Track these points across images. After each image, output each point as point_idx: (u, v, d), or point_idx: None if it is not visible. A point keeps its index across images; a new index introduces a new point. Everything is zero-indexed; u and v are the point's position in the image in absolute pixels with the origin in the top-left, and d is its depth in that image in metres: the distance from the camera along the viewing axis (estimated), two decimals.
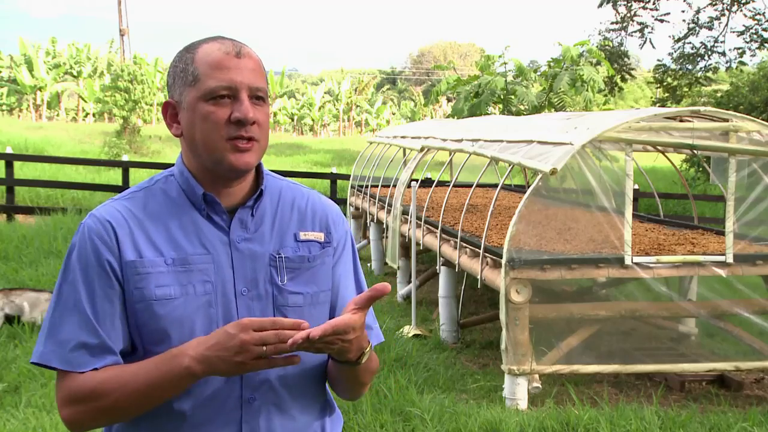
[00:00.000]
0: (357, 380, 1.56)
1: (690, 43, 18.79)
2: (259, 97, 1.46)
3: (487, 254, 5.71)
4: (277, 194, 1.57)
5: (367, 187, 10.60)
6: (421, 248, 7.94)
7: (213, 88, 1.42)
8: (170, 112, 1.50)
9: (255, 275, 1.48)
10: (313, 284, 1.53)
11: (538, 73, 15.91)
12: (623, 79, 19.12)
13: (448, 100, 38.99)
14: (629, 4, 18.94)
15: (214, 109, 1.43)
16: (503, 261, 5.12)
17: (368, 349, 1.48)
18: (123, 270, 1.43)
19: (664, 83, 19.12)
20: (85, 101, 42.94)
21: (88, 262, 1.43)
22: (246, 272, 1.48)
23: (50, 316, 1.43)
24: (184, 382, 1.38)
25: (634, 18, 19.02)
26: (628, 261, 5.28)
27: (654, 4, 18.80)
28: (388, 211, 8.62)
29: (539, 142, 5.84)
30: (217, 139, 1.43)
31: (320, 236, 1.57)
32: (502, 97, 14.55)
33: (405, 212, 8.13)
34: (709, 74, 18.97)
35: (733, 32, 18.35)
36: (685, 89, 18.70)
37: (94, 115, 43.23)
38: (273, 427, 1.49)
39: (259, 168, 1.55)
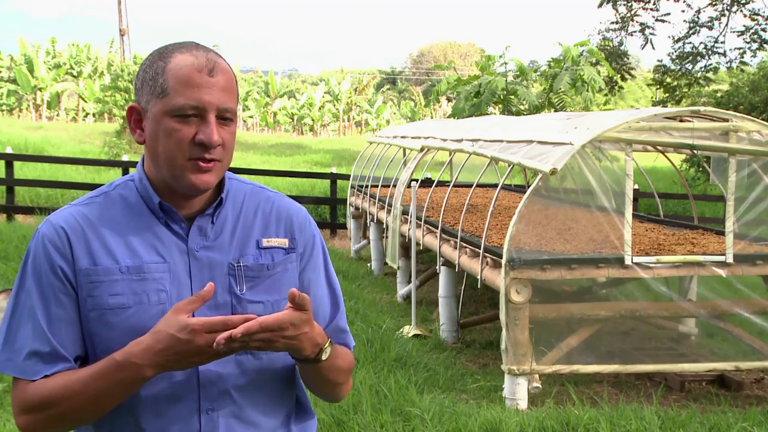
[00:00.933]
0: (325, 379, 1.53)
1: (690, 43, 18.80)
2: (226, 117, 1.42)
3: (487, 254, 5.71)
4: (241, 200, 1.54)
5: (367, 187, 10.60)
6: (421, 248, 7.94)
7: (180, 105, 1.38)
8: (135, 117, 1.46)
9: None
10: (275, 292, 1.50)
11: (538, 73, 15.90)
12: (623, 79, 19.12)
13: (449, 100, 38.98)
14: (629, 4, 18.94)
15: (180, 126, 1.39)
16: (503, 261, 5.12)
17: (326, 345, 1.45)
18: (77, 277, 1.41)
19: (664, 83, 19.12)
20: (85, 101, 42.93)
21: (42, 269, 1.41)
22: (204, 281, 1.44)
23: (7, 324, 1.42)
24: (136, 386, 1.37)
25: (634, 18, 19.02)
26: (628, 261, 5.28)
27: (654, 4, 18.80)
28: (388, 211, 8.62)
29: (539, 142, 5.84)
30: (178, 157, 1.40)
31: (284, 242, 1.53)
32: (502, 97, 14.53)
33: (405, 212, 8.13)
34: (709, 74, 18.97)
35: (733, 32, 18.36)
36: (685, 89, 18.70)
37: (94, 115, 43.21)
38: None
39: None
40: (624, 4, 18.96)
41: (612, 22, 19.27)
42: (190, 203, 1.47)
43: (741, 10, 18.16)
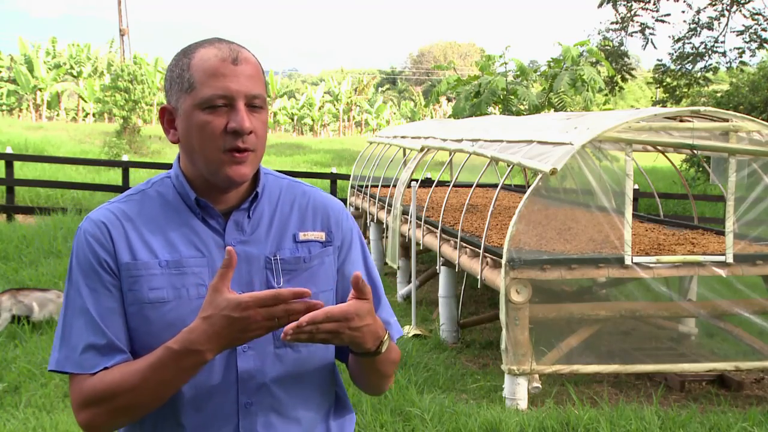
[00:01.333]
0: (379, 372, 1.54)
1: (690, 43, 18.80)
2: (256, 105, 1.43)
3: (487, 254, 5.71)
4: (277, 194, 1.55)
5: (367, 187, 10.60)
6: (421, 248, 7.94)
7: (208, 96, 1.39)
8: (167, 117, 1.48)
9: (250, 278, 1.46)
10: (312, 285, 1.49)
11: (538, 73, 15.90)
12: (623, 79, 19.12)
13: (449, 100, 39.00)
14: (629, 4, 18.93)
15: (211, 118, 1.40)
16: (503, 261, 5.12)
17: (386, 337, 1.46)
18: (119, 271, 1.43)
19: (664, 83, 19.12)
20: (85, 101, 42.93)
21: (88, 263, 1.43)
22: (241, 275, 1.45)
23: (62, 322, 1.43)
24: (196, 371, 1.37)
25: (635, 18, 19.01)
26: (628, 261, 5.28)
27: (654, 4, 18.80)
28: (388, 211, 8.62)
29: (539, 142, 5.84)
30: (213, 150, 1.41)
31: (321, 236, 1.55)
32: (502, 97, 14.53)
33: (405, 212, 8.13)
34: (709, 74, 18.97)
35: (733, 32, 18.36)
36: (685, 89, 18.70)
37: (94, 115, 43.22)
38: (272, 431, 1.47)
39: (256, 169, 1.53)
40: (624, 4, 18.95)
41: (612, 22, 19.27)
42: (226, 198, 1.49)
43: (740, 10, 18.16)
